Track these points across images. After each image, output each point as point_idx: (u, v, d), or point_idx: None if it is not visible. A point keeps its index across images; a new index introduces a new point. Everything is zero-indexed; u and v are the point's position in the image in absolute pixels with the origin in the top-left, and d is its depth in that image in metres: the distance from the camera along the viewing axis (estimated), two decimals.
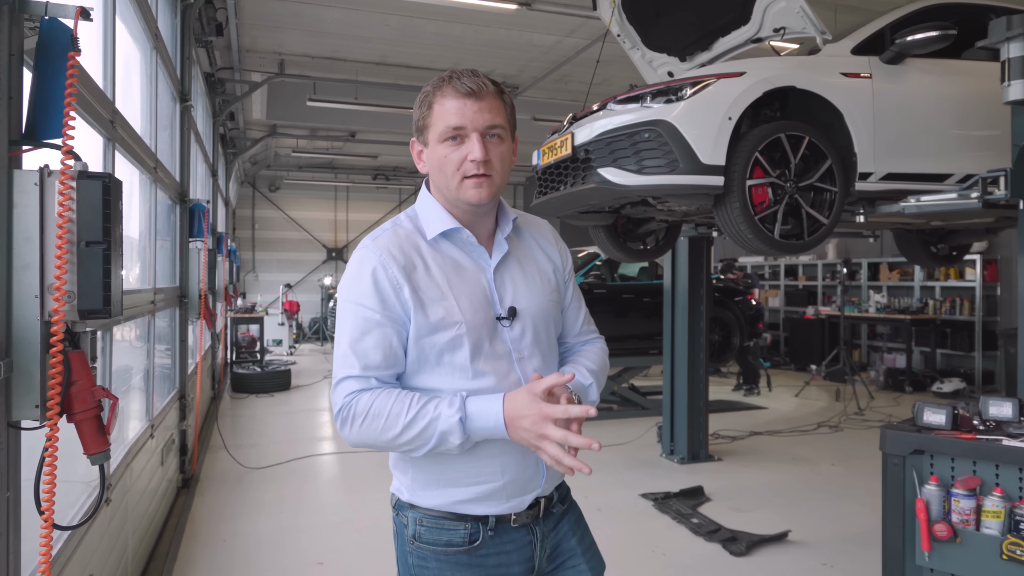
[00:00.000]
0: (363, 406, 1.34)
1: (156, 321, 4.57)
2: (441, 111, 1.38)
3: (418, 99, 1.43)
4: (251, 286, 17.24)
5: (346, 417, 1.35)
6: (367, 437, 1.35)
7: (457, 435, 1.31)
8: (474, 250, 1.46)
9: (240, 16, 7.57)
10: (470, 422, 1.32)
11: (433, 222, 1.44)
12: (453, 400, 1.33)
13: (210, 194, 9.01)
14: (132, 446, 3.48)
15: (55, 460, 1.53)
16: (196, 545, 4.16)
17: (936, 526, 2.08)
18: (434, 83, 1.41)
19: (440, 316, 1.38)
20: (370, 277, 1.37)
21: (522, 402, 1.31)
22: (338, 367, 1.39)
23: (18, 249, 1.54)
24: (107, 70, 3.02)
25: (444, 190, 1.43)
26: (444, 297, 1.39)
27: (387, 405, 1.33)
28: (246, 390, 9.57)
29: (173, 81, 5.21)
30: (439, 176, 1.42)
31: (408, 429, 1.32)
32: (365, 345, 1.37)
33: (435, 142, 1.40)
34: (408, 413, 1.32)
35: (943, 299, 10.45)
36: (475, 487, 1.42)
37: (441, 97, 1.39)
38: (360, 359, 1.36)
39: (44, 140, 1.61)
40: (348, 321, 1.39)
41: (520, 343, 1.45)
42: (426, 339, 1.38)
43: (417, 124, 1.44)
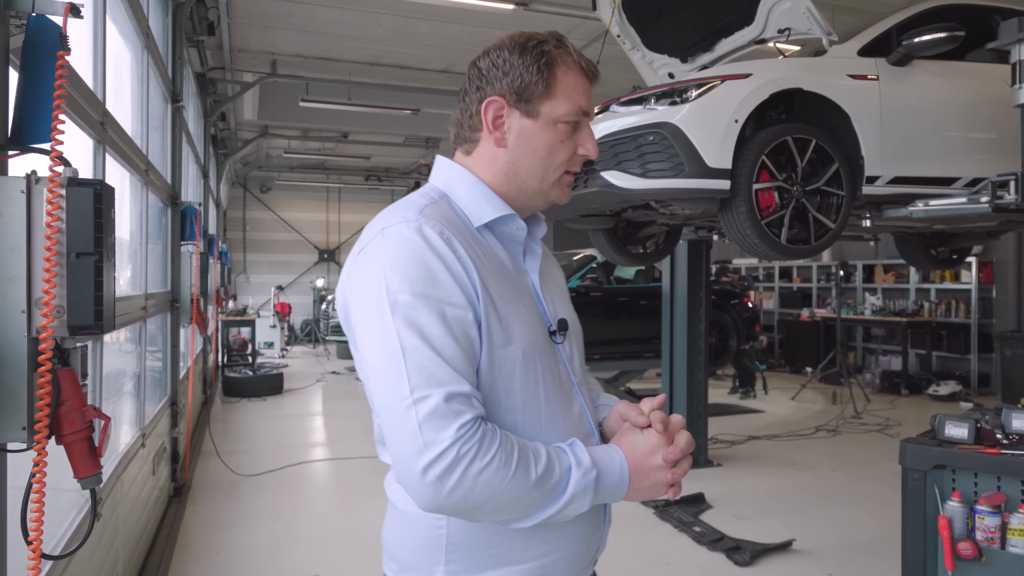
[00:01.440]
0: (490, 442, 0.95)
1: (147, 326, 4.46)
2: (567, 84, 1.09)
3: (523, 53, 1.09)
4: (242, 288, 17.09)
5: (462, 457, 0.92)
6: (481, 493, 0.94)
7: (589, 499, 1.01)
8: (516, 248, 1.15)
9: (232, 15, 7.47)
10: (602, 479, 1.02)
11: (483, 206, 1.10)
12: (577, 452, 1.02)
13: (201, 196, 8.89)
14: (123, 456, 3.38)
15: (43, 486, 1.44)
16: (188, 557, 4.05)
17: (960, 544, 2.01)
18: (549, 41, 1.11)
19: (511, 322, 1.04)
20: (435, 255, 0.99)
21: (639, 442, 1.07)
22: (421, 384, 0.94)
23: (3, 261, 1.45)
24: (97, 70, 2.92)
25: (531, 178, 1.12)
26: (513, 298, 1.07)
27: (515, 444, 0.97)
28: (238, 394, 9.44)
29: (164, 81, 5.11)
30: (536, 161, 1.11)
31: (540, 484, 0.97)
32: (454, 352, 0.96)
33: (549, 120, 1.09)
34: (539, 462, 0.97)
35: (939, 301, 10.45)
36: (538, 561, 1.07)
37: (567, 67, 1.10)
38: (460, 371, 0.96)
39: (31, 145, 1.52)
40: (419, 320, 0.96)
41: (574, 364, 1.17)
42: (500, 351, 1.02)
43: (524, 87, 1.09)
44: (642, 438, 1.08)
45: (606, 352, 8.02)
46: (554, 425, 1.08)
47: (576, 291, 7.90)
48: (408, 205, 1.07)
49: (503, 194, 1.13)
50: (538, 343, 1.08)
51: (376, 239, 1.03)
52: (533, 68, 1.09)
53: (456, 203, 1.12)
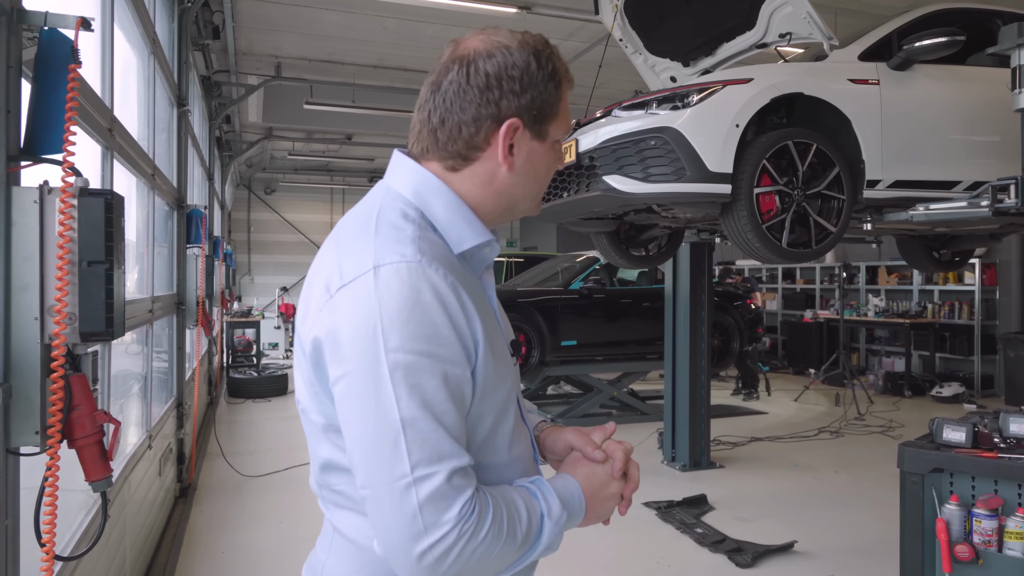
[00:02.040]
0: (486, 512, 0.88)
1: (153, 328, 4.50)
2: (565, 104, 1.02)
3: (539, 66, 0.97)
4: (247, 289, 17.15)
5: (462, 535, 0.86)
6: (479, 563, 0.88)
7: (559, 542, 0.97)
8: (480, 267, 1.05)
9: (237, 19, 7.51)
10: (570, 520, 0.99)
11: (462, 231, 0.98)
12: (547, 494, 0.97)
13: (206, 198, 8.94)
14: (130, 457, 3.42)
15: (56, 489, 1.47)
16: (194, 557, 4.09)
17: (957, 547, 2.03)
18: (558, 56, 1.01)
19: (500, 361, 0.97)
20: (440, 308, 0.88)
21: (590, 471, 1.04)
22: (422, 461, 0.85)
23: (17, 269, 1.48)
24: (105, 77, 2.96)
25: (525, 199, 1.03)
26: (495, 334, 0.98)
27: (502, 507, 0.91)
28: (243, 395, 9.49)
29: (170, 86, 5.15)
30: (534, 183, 1.03)
31: (524, 540, 0.93)
32: (453, 418, 0.88)
33: (553, 139, 1.02)
34: (520, 518, 0.93)
35: (942, 303, 10.45)
36: None
37: (566, 80, 1.01)
38: (460, 442, 0.89)
39: (43, 155, 1.56)
40: (420, 384, 0.86)
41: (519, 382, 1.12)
42: (489, 399, 0.95)
43: (538, 103, 0.97)
44: (600, 470, 1.05)
45: (609, 354, 8.04)
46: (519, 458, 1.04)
47: (579, 293, 7.93)
48: (396, 235, 0.92)
49: (486, 213, 1.02)
50: (513, 375, 1.02)
51: (367, 278, 0.88)
52: (550, 85, 0.98)
53: (435, 222, 0.98)
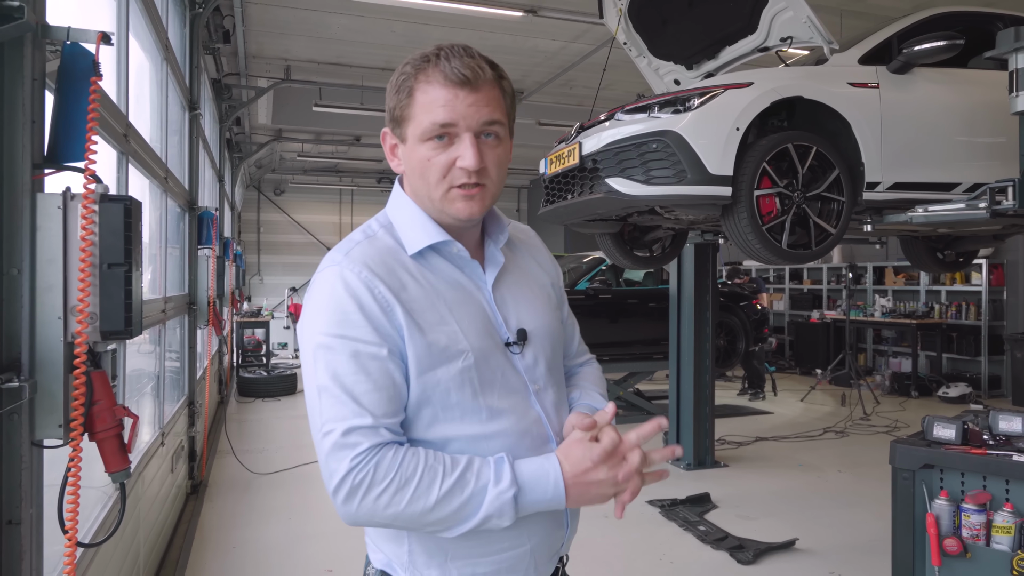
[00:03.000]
0: (385, 469, 1.03)
1: (166, 328, 4.60)
2: (425, 102, 1.09)
3: (394, 81, 1.13)
4: (256, 289, 17.30)
5: (357, 486, 1.02)
6: (384, 512, 1.03)
7: (508, 517, 1.06)
8: (467, 265, 1.18)
9: (247, 23, 7.62)
10: (523, 496, 1.06)
11: (415, 234, 1.15)
12: (500, 468, 1.06)
13: (217, 199, 9.06)
14: (143, 454, 3.51)
15: (79, 479, 1.55)
16: (206, 552, 4.18)
17: (946, 541, 2.09)
18: (415, 62, 1.11)
19: (443, 344, 1.09)
20: (351, 299, 1.07)
21: (579, 454, 1.09)
22: (329, 419, 1.05)
23: (41, 271, 1.57)
24: (121, 84, 3.05)
25: (424, 198, 1.15)
26: (444, 321, 1.11)
27: (415, 469, 1.04)
28: (253, 394, 9.60)
29: (182, 90, 5.25)
30: (419, 182, 1.14)
31: (441, 506, 1.04)
32: (364, 387, 1.05)
33: (415, 140, 1.11)
34: (442, 483, 1.04)
35: (949, 303, 10.44)
36: (495, 556, 1.14)
37: (425, 83, 1.09)
38: (363, 404, 1.04)
39: (66, 163, 1.64)
40: (332, 360, 1.06)
41: (534, 372, 1.19)
42: (428, 375, 1.09)
43: (392, 113, 1.14)
44: (585, 452, 1.10)
45: (615, 354, 8.09)
46: (499, 434, 1.12)
47: (585, 293, 7.99)
48: (344, 245, 1.15)
49: (430, 213, 1.16)
50: (484, 356, 1.13)
51: (314, 281, 1.13)
52: (394, 93, 1.13)
53: (396, 231, 1.17)
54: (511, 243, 1.28)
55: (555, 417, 1.21)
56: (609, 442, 1.12)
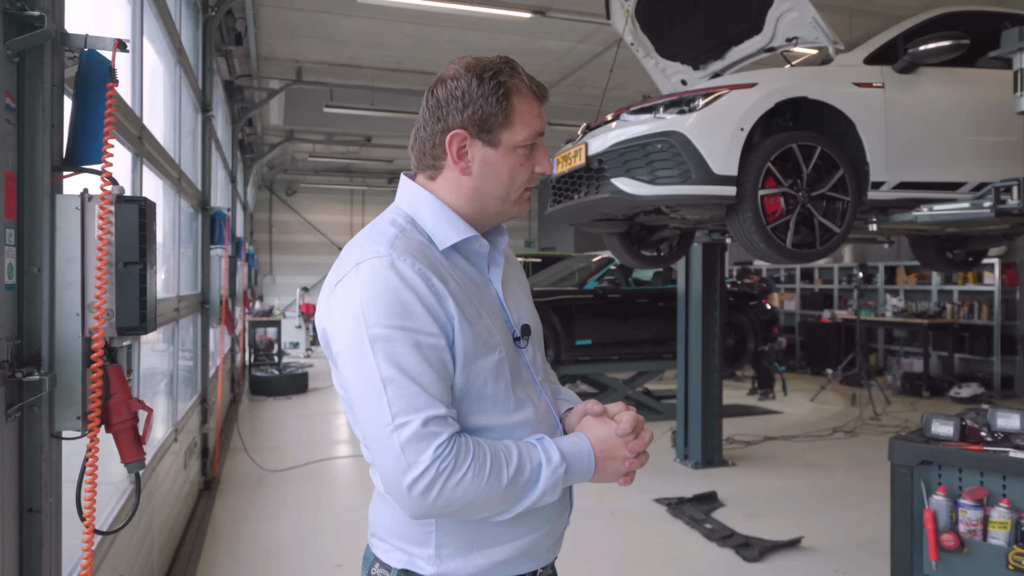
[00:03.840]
0: (465, 455, 1.06)
1: (179, 326, 4.68)
2: (523, 111, 1.17)
3: (480, 84, 1.16)
4: (268, 289, 17.45)
5: (441, 473, 1.05)
6: (461, 500, 1.07)
7: (559, 490, 1.15)
8: (482, 262, 1.25)
9: (259, 25, 7.71)
10: (570, 470, 1.15)
11: (446, 230, 1.19)
12: (548, 448, 1.14)
13: (229, 200, 9.16)
14: (158, 449, 3.58)
15: (96, 469, 1.62)
16: (218, 546, 4.26)
17: (943, 536, 2.12)
18: (503, 71, 1.17)
19: (484, 337, 1.15)
20: (408, 289, 1.08)
21: (603, 433, 1.19)
22: (401, 411, 1.06)
23: (60, 269, 1.63)
24: (135, 87, 3.12)
25: (495, 200, 1.21)
26: (479, 315, 1.16)
27: (487, 452, 1.09)
28: (264, 393, 9.70)
29: (195, 92, 5.33)
30: (499, 185, 1.19)
31: (512, 485, 1.10)
32: (430, 377, 1.08)
33: (510, 147, 1.18)
34: (509, 464, 1.10)
35: (961, 303, 10.39)
36: (518, 542, 1.20)
37: (520, 94, 1.17)
38: (435, 395, 1.07)
39: (83, 166, 1.70)
40: (395, 352, 1.07)
41: (535, 364, 1.28)
42: (472, 366, 1.13)
43: (484, 118, 1.16)
44: (609, 430, 1.19)
45: (624, 353, 8.13)
46: (525, 423, 1.19)
47: (594, 293, 8.02)
48: (379, 238, 1.15)
49: (467, 214, 1.21)
50: (509, 349, 1.20)
51: (351, 274, 1.11)
52: (492, 99, 1.16)
53: (421, 226, 1.20)
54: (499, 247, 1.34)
55: (555, 405, 1.30)
56: (631, 419, 1.20)
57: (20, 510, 1.63)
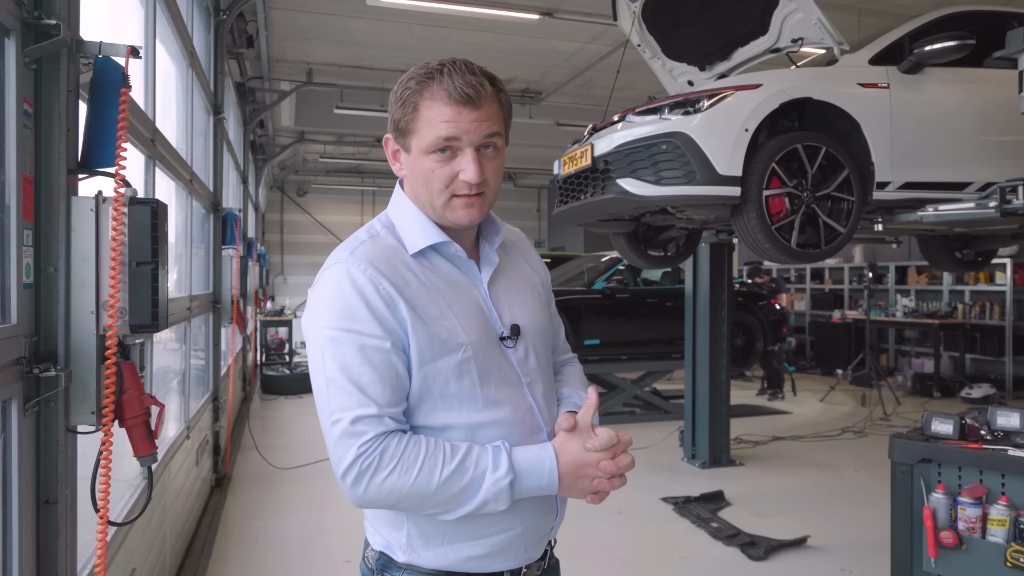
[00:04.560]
0: (391, 454, 1.10)
1: (191, 326, 4.75)
2: (429, 117, 1.16)
3: (397, 93, 1.20)
4: (280, 289, 17.56)
5: (365, 470, 1.10)
6: (390, 494, 1.11)
7: (504, 502, 1.14)
8: (464, 264, 1.26)
9: (270, 28, 7.78)
10: (519, 483, 1.14)
11: (416, 235, 1.23)
12: (498, 456, 1.14)
13: (241, 201, 9.25)
14: (170, 446, 3.64)
15: (110, 462, 1.67)
16: (229, 542, 4.32)
17: (942, 533, 2.14)
18: (419, 77, 1.17)
19: (444, 337, 1.17)
20: (357, 294, 1.14)
21: (572, 448, 1.18)
22: (337, 409, 1.12)
23: (75, 269, 1.69)
24: (148, 90, 3.18)
25: (426, 204, 1.23)
26: (444, 316, 1.18)
27: (418, 455, 1.11)
28: (276, 392, 9.79)
29: (207, 95, 5.40)
30: (422, 190, 1.21)
31: (443, 488, 1.11)
32: (369, 378, 1.12)
33: (419, 152, 1.18)
34: (444, 468, 1.11)
35: (972, 303, 10.34)
36: (490, 539, 1.21)
37: (430, 99, 1.16)
38: (368, 395, 1.12)
39: (98, 169, 1.76)
40: (339, 353, 1.13)
41: (526, 365, 1.27)
42: (430, 366, 1.16)
43: (397, 124, 1.21)
44: (580, 446, 1.18)
45: (633, 352, 8.15)
46: (494, 422, 1.20)
47: (602, 293, 8.05)
48: (349, 244, 1.23)
49: (430, 216, 1.24)
50: (481, 349, 1.20)
51: (320, 278, 1.20)
52: (399, 105, 1.19)
53: (397, 231, 1.25)
54: (504, 245, 1.35)
55: (545, 408, 1.28)
56: (606, 437, 1.19)
57: (37, 501, 1.69)
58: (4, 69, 1.57)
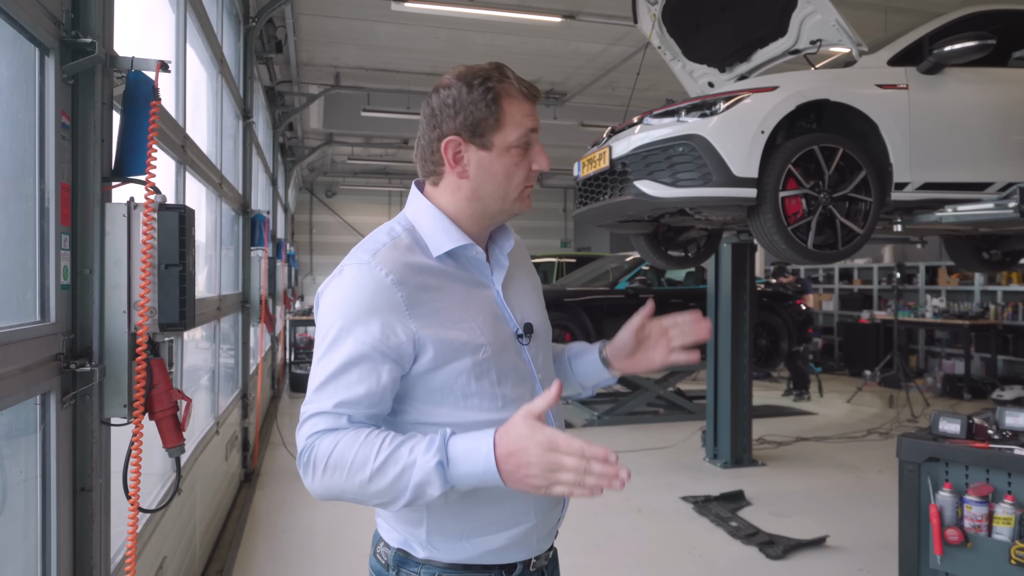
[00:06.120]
0: (324, 450, 1.12)
1: (220, 325, 4.89)
2: (513, 112, 1.21)
3: (470, 91, 1.21)
4: (309, 289, 17.83)
5: (306, 463, 1.14)
6: (332, 488, 1.13)
7: (436, 485, 1.08)
8: (481, 267, 1.30)
9: (298, 33, 7.95)
10: (453, 468, 1.07)
11: (439, 238, 1.26)
12: (433, 439, 1.09)
13: (270, 202, 9.44)
14: (200, 441, 3.78)
15: (140, 453, 1.78)
16: (257, 535, 4.45)
17: (948, 531, 2.16)
18: (493, 76, 1.22)
19: (463, 340, 1.20)
20: (370, 299, 1.16)
21: (518, 432, 1.06)
22: (308, 401, 1.18)
23: (109, 271, 1.81)
24: (179, 98, 3.31)
25: (495, 200, 1.26)
26: (463, 318, 1.22)
27: (352, 448, 1.11)
28: (304, 390, 9.88)
29: (236, 100, 5.55)
30: (497, 186, 1.24)
31: (377, 478, 1.09)
32: (349, 378, 1.16)
33: (503, 148, 1.22)
34: (377, 458, 1.09)
35: (1005, 304, 10.16)
36: (507, 532, 1.25)
37: (509, 96, 1.22)
38: (338, 393, 1.15)
39: (130, 177, 1.87)
40: (335, 349, 1.17)
41: (537, 362, 1.32)
42: (450, 366, 1.19)
43: (475, 123, 1.21)
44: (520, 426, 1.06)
45: None
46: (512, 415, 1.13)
47: (625, 293, 8.08)
48: (370, 246, 1.24)
49: (469, 215, 1.27)
50: (498, 348, 1.24)
51: (337, 275, 1.23)
52: (481, 104, 1.21)
53: (419, 234, 1.27)
54: None
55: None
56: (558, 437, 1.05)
57: (74, 489, 1.80)
58: (44, 85, 1.69)
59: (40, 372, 1.63)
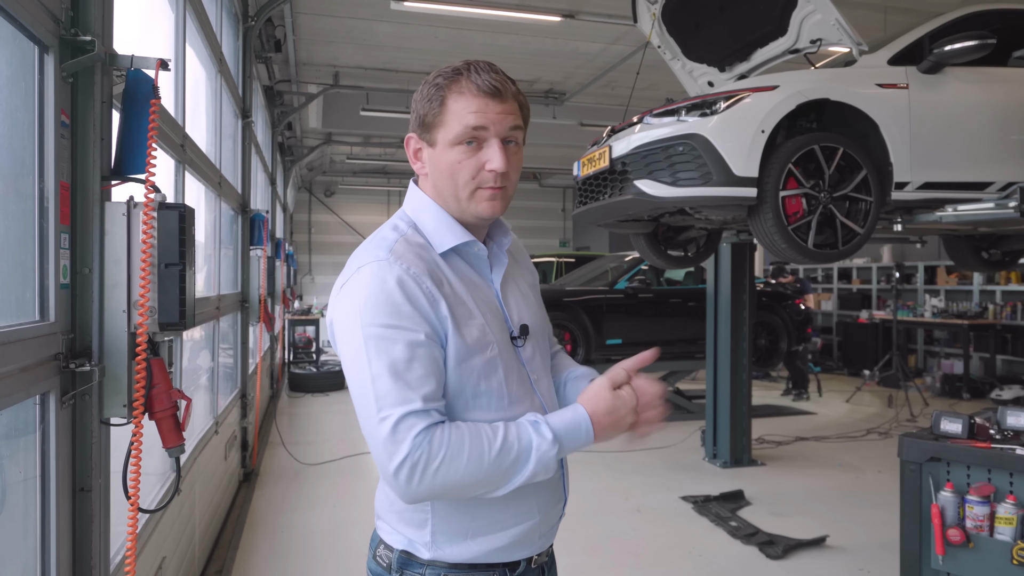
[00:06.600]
0: (439, 444, 1.12)
1: (220, 324, 4.88)
2: (457, 109, 1.20)
3: (424, 90, 1.24)
4: (308, 288, 17.81)
5: (417, 462, 1.11)
6: (443, 484, 1.13)
7: (553, 468, 1.19)
8: (482, 264, 1.30)
9: (297, 32, 7.93)
10: (564, 448, 1.18)
11: (443, 234, 1.26)
12: (538, 425, 1.18)
13: (269, 201, 9.43)
14: (199, 441, 3.77)
15: (140, 453, 1.77)
16: (256, 534, 4.45)
17: (950, 531, 2.16)
18: (446, 73, 1.22)
19: (476, 336, 1.21)
20: (401, 292, 1.15)
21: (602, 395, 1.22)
22: (386, 406, 1.12)
23: (109, 270, 1.80)
24: (178, 97, 3.30)
25: (450, 198, 1.25)
26: (473, 315, 1.22)
27: (465, 439, 1.13)
28: (303, 389, 9.96)
29: (235, 99, 5.54)
30: (446, 183, 1.24)
31: (495, 465, 1.14)
32: (415, 373, 1.14)
33: (446, 144, 1.21)
34: (491, 447, 1.14)
35: (1004, 303, 10.17)
36: (512, 530, 1.26)
37: (457, 93, 1.20)
38: (416, 390, 1.13)
39: (130, 175, 1.86)
40: (386, 350, 1.14)
41: (532, 363, 1.32)
42: (465, 364, 1.20)
43: (422, 120, 1.24)
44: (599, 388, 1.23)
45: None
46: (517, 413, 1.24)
47: (624, 292, 8.07)
48: (381, 243, 1.23)
49: (451, 213, 1.27)
50: (500, 349, 1.24)
51: (354, 276, 1.20)
52: (426, 101, 1.23)
53: (422, 231, 1.27)
54: None
55: (550, 403, 1.34)
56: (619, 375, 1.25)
57: (73, 489, 1.80)
58: (44, 83, 1.68)
59: (39, 372, 1.63)
